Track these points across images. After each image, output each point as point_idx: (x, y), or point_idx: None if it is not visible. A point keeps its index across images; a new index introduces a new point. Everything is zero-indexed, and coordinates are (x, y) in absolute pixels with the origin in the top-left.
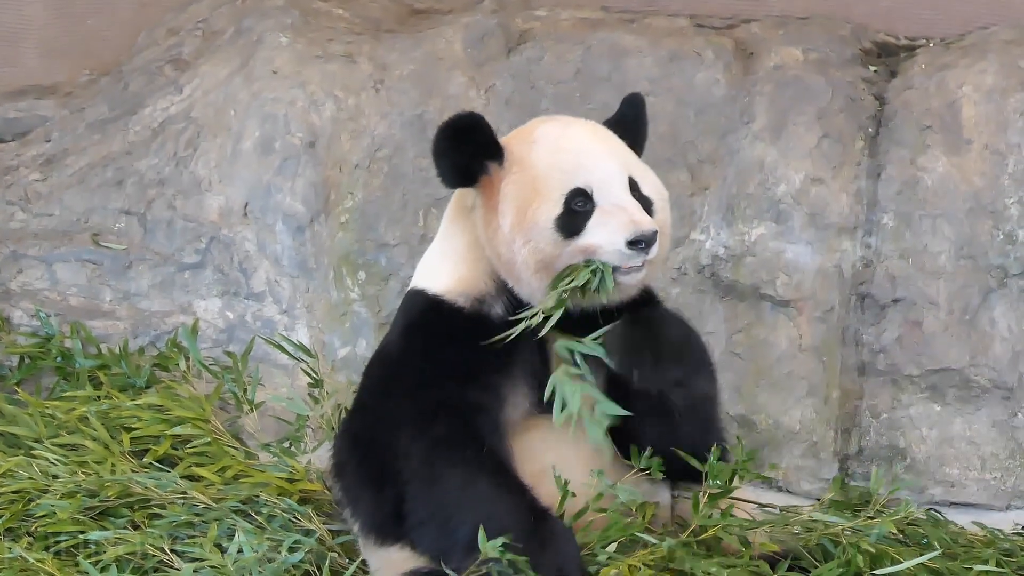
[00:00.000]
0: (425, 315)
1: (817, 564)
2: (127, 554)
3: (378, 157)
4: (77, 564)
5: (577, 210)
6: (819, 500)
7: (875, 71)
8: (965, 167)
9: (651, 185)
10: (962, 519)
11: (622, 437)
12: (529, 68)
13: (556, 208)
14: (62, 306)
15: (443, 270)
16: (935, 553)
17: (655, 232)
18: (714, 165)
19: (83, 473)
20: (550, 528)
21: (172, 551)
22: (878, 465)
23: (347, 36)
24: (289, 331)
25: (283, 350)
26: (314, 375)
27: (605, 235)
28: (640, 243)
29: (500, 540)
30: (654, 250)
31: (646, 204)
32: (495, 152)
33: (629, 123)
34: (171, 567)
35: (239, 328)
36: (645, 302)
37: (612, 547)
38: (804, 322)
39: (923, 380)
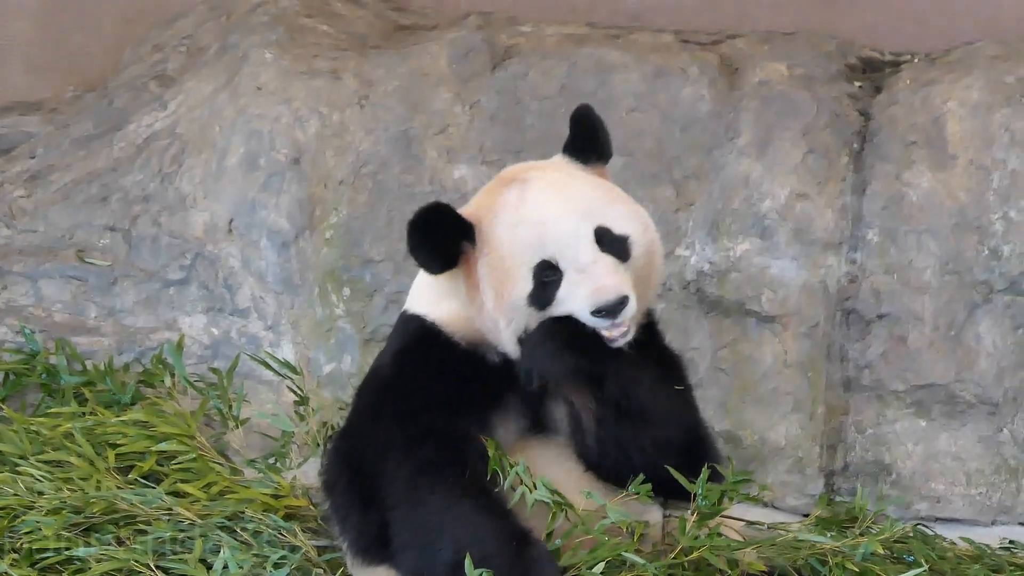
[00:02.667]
0: (420, 343)
1: None
2: (112, 570)
3: (363, 173)
4: None
5: (546, 281)
6: (806, 516)
7: (860, 87)
8: (950, 183)
9: (623, 218)
10: (948, 535)
11: (606, 464)
12: (514, 84)
13: (527, 285)
14: (47, 322)
15: (442, 304)
16: (921, 570)
17: (622, 298)
18: (699, 181)
19: (68, 489)
20: (533, 553)
21: (157, 567)
22: (863, 481)
23: (332, 52)
24: (274, 347)
25: (268, 367)
26: (299, 391)
27: (571, 305)
28: (602, 311)
29: (483, 569)
30: (627, 312)
31: (620, 244)
32: (467, 232)
33: (583, 138)
34: None
35: (224, 344)
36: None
37: (599, 568)
38: (789, 338)
39: (908, 395)
